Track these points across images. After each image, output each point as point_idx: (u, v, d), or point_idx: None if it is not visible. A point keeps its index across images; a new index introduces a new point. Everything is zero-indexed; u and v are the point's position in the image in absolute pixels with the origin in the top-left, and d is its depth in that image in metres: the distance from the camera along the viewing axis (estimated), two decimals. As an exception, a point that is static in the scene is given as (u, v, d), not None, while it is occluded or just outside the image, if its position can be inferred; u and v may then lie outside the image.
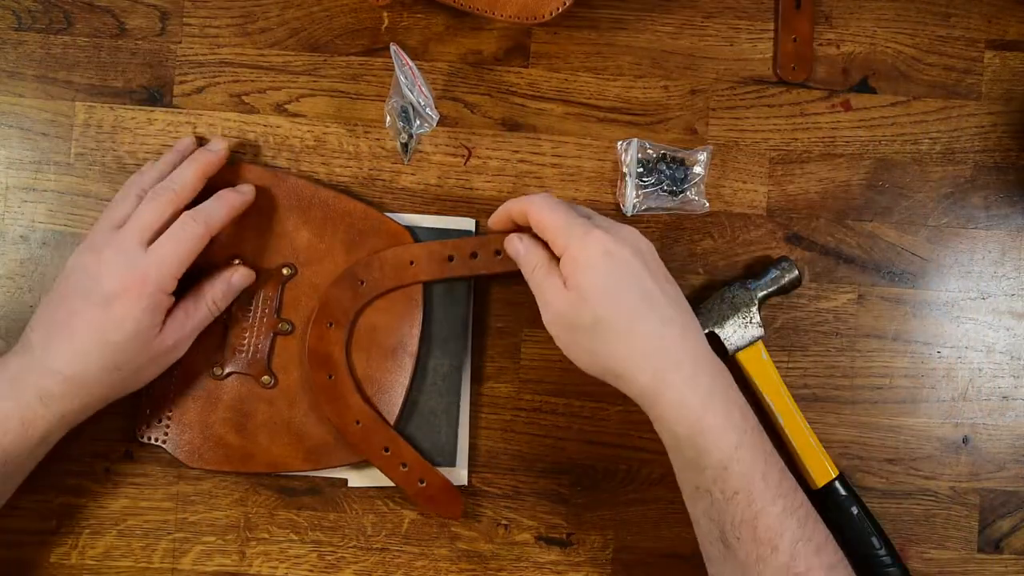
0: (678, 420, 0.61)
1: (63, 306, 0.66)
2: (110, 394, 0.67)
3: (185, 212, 0.68)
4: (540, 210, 0.65)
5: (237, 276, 0.71)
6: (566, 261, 0.63)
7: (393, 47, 0.69)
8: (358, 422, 0.72)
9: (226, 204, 0.70)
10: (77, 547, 0.74)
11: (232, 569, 0.74)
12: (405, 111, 0.73)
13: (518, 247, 0.68)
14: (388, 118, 0.75)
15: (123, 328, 0.65)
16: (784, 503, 0.61)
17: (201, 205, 0.69)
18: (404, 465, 0.72)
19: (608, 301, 0.62)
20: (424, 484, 0.72)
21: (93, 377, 0.65)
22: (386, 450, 0.72)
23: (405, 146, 0.75)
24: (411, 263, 0.73)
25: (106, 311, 0.65)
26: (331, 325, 0.72)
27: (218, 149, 0.72)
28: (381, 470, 0.73)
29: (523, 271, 0.67)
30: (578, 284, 0.62)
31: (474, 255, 0.73)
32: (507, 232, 0.70)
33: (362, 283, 0.73)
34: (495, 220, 0.70)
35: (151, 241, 0.66)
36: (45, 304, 0.67)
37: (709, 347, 0.64)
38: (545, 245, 0.67)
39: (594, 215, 0.67)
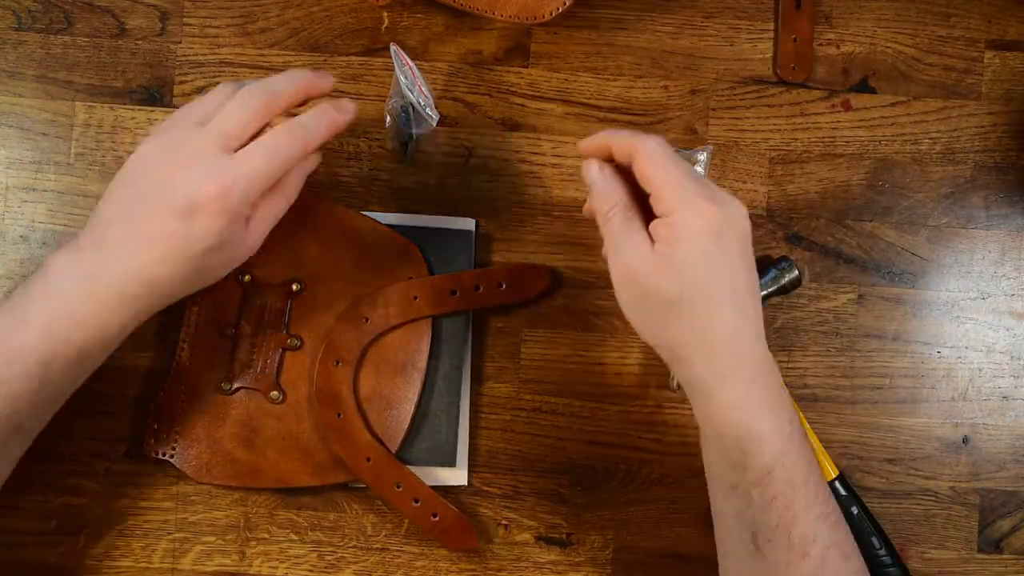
0: (727, 421, 0.59)
1: (139, 208, 0.61)
2: (189, 290, 0.64)
3: (281, 123, 0.62)
4: (653, 157, 0.59)
5: (309, 163, 0.65)
6: (669, 224, 0.58)
7: (393, 47, 0.69)
8: (368, 459, 0.72)
9: (327, 121, 0.63)
10: (77, 547, 0.74)
11: (232, 569, 0.74)
12: (405, 111, 0.73)
13: (596, 177, 0.61)
14: (388, 118, 0.75)
15: (206, 240, 0.60)
16: (819, 510, 0.60)
17: (298, 117, 0.62)
18: (416, 500, 0.72)
19: (699, 284, 0.58)
20: (437, 518, 0.72)
21: (173, 280, 0.61)
22: (398, 486, 0.72)
23: (405, 146, 0.75)
24: (415, 298, 0.73)
25: (187, 223, 0.60)
26: (338, 363, 0.72)
27: (348, 108, 0.64)
28: (393, 506, 0.73)
29: (596, 206, 0.61)
30: (674, 254, 0.57)
31: (477, 288, 0.73)
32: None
33: (367, 320, 0.73)
34: (588, 145, 0.63)
35: (235, 150, 0.61)
36: (118, 196, 0.62)
37: (767, 347, 0.61)
38: (625, 184, 0.61)
39: (705, 182, 0.61)
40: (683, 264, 0.58)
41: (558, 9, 0.72)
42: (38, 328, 0.60)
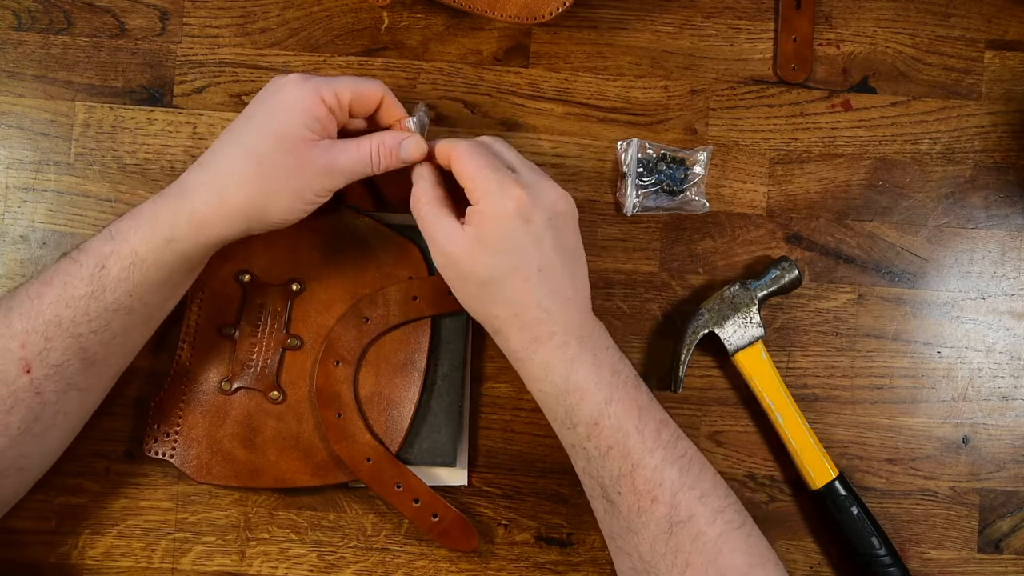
0: (545, 379, 0.63)
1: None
2: (250, 210, 0.63)
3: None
4: (461, 156, 0.64)
5: (409, 143, 0.66)
6: (475, 212, 0.63)
7: (421, 109, 0.69)
8: (368, 459, 0.72)
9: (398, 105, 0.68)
10: (77, 547, 0.74)
11: (232, 569, 0.74)
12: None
13: (416, 176, 0.66)
14: None
15: (271, 121, 0.63)
16: (663, 454, 0.62)
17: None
18: (416, 500, 0.72)
19: (504, 265, 0.62)
20: (437, 519, 0.72)
21: (239, 175, 0.63)
22: (398, 486, 0.72)
23: None
24: (415, 298, 0.73)
25: (256, 104, 0.64)
26: (338, 363, 0.72)
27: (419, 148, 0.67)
28: (394, 506, 0.73)
29: (412, 198, 0.66)
30: (481, 238, 0.62)
31: None
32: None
33: (367, 320, 0.73)
34: (432, 156, 0.68)
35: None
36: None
37: (589, 310, 0.66)
38: (443, 183, 0.66)
39: (521, 164, 0.65)
40: (491, 245, 0.62)
41: (558, 9, 0.72)
42: (107, 230, 0.64)
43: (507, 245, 0.62)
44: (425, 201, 0.65)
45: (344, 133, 0.67)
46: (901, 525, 0.76)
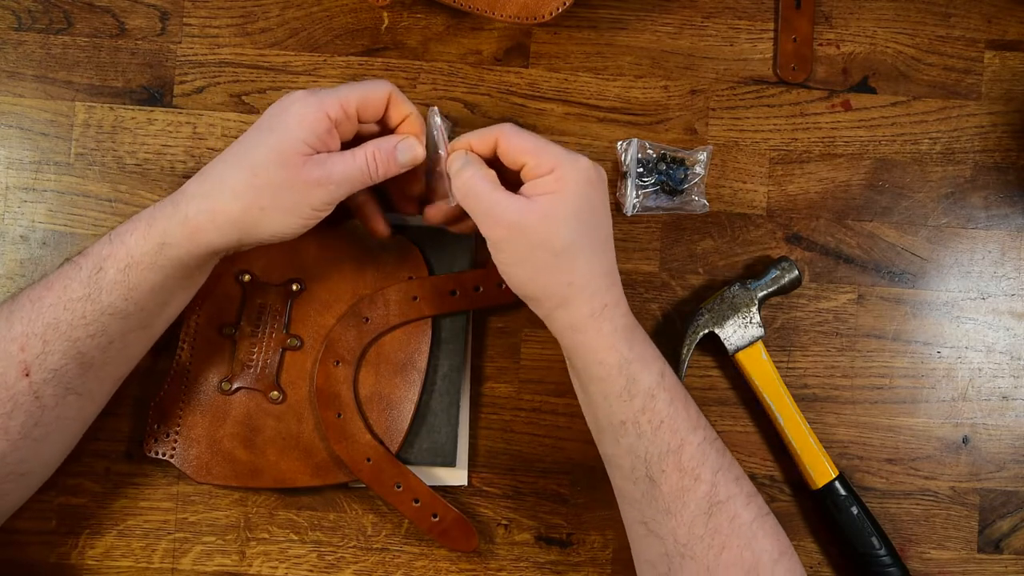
0: (613, 348, 0.63)
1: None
2: (252, 229, 0.63)
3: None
4: (516, 134, 0.64)
5: (404, 145, 0.66)
6: (556, 179, 0.62)
7: (435, 115, 0.67)
8: (368, 459, 0.72)
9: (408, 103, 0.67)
10: (77, 547, 0.74)
11: (232, 569, 0.74)
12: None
13: (461, 158, 0.64)
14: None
15: (284, 125, 0.62)
16: (704, 433, 0.63)
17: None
18: (416, 500, 0.72)
19: (584, 229, 0.62)
20: (437, 518, 0.72)
21: (236, 186, 0.62)
22: (398, 486, 0.72)
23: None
24: (415, 298, 0.73)
25: (260, 122, 0.64)
26: (338, 363, 0.72)
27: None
28: (393, 506, 0.73)
29: (462, 183, 0.64)
30: (560, 204, 0.62)
31: (477, 288, 0.73)
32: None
33: (367, 320, 0.73)
34: (451, 150, 0.66)
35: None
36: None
37: None
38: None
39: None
40: (571, 211, 0.62)
41: (558, 9, 0.72)
42: (108, 234, 0.64)
43: (586, 210, 0.62)
44: (480, 178, 0.63)
45: (358, 141, 0.66)
46: (901, 525, 0.76)
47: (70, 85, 0.76)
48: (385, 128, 0.68)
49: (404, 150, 0.65)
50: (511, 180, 0.64)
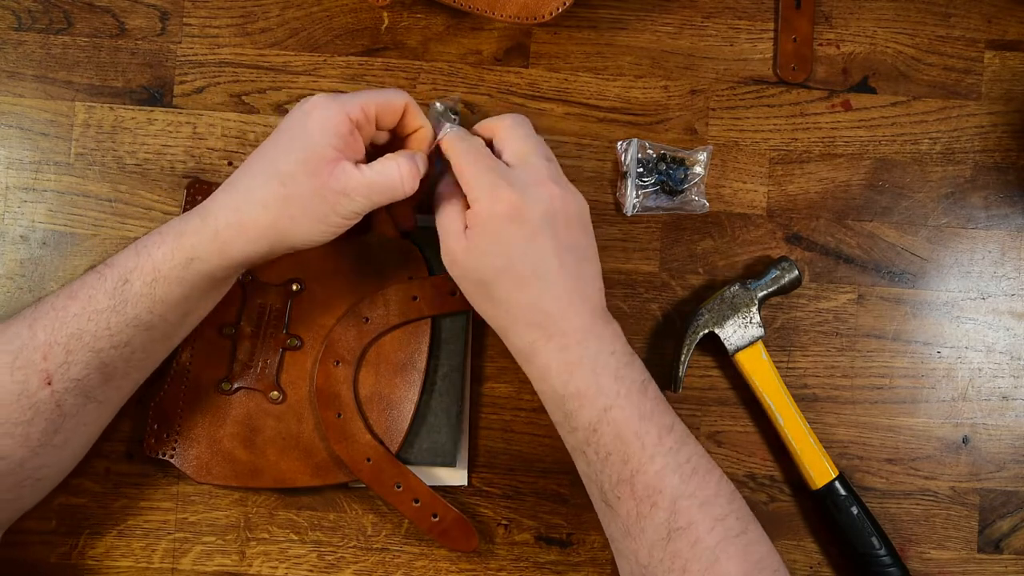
0: (546, 384, 0.63)
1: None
2: (278, 239, 0.63)
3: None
4: (462, 155, 0.64)
5: (421, 159, 0.66)
6: (471, 214, 0.63)
7: (439, 110, 0.68)
8: (368, 459, 0.72)
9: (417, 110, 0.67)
10: (77, 547, 0.74)
11: (232, 569, 0.74)
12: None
13: (443, 170, 0.67)
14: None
15: (294, 142, 0.62)
16: (664, 460, 0.61)
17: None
18: (416, 501, 0.72)
19: (499, 266, 0.62)
20: (437, 519, 0.72)
21: (260, 194, 0.62)
22: (398, 486, 0.72)
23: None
24: (415, 298, 0.73)
25: (280, 130, 0.64)
26: (338, 363, 0.72)
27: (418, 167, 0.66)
28: (393, 506, 0.73)
29: (435, 193, 0.67)
30: (478, 239, 0.63)
31: None
32: None
33: (367, 320, 0.73)
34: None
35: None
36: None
37: (597, 314, 0.64)
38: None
39: (537, 155, 0.65)
40: (486, 248, 0.63)
41: (558, 9, 0.72)
42: (135, 244, 0.64)
43: (497, 247, 0.62)
44: (445, 202, 0.65)
45: (370, 147, 0.67)
46: (901, 525, 0.76)
47: (70, 85, 0.76)
48: (396, 137, 0.68)
49: (422, 164, 0.66)
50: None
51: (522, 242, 0.62)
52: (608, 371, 0.63)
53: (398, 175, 0.63)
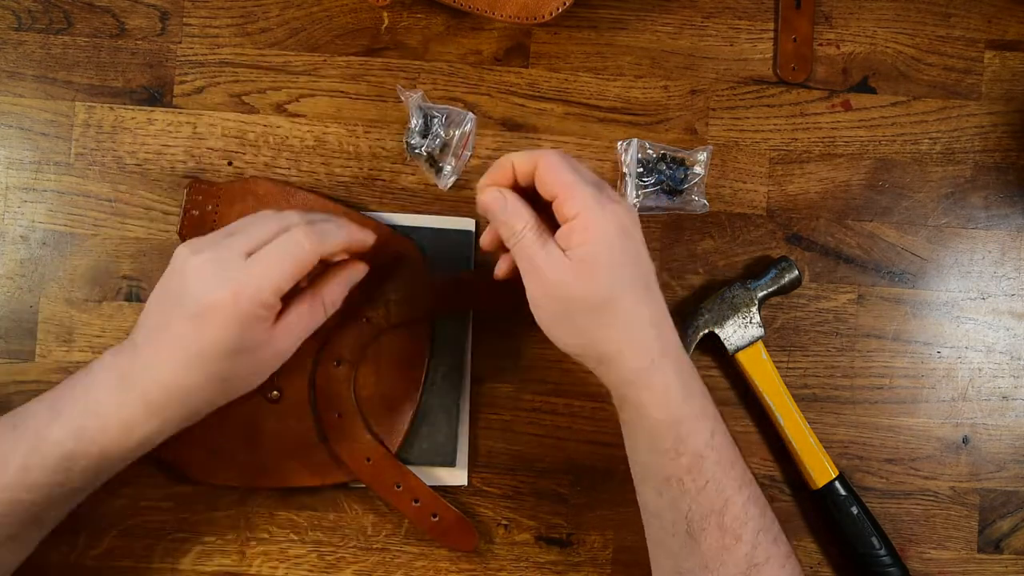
0: (662, 406, 0.59)
1: (161, 310, 0.62)
2: (219, 400, 0.64)
3: (298, 226, 0.61)
4: (552, 166, 0.59)
5: (354, 272, 0.66)
6: (576, 229, 0.58)
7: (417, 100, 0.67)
8: (368, 459, 0.72)
9: (345, 231, 0.64)
10: (77, 547, 0.74)
11: (232, 569, 0.74)
12: (431, 157, 0.74)
13: (498, 202, 0.60)
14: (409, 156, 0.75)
15: (221, 344, 0.59)
16: (748, 492, 0.61)
17: (319, 223, 0.63)
18: (416, 500, 0.72)
19: (620, 283, 0.58)
20: (437, 519, 0.72)
21: (196, 387, 0.61)
22: (398, 486, 0.72)
23: (439, 170, 0.75)
24: (415, 298, 0.73)
25: (198, 327, 0.59)
26: (338, 363, 0.72)
27: (368, 236, 0.66)
28: (393, 506, 0.73)
29: (505, 231, 0.61)
30: (591, 258, 0.58)
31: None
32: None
33: (367, 320, 0.73)
34: (491, 175, 0.62)
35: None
36: (150, 300, 0.63)
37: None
38: (531, 207, 0.61)
39: (603, 184, 0.61)
40: (603, 265, 0.58)
41: (558, 9, 0.72)
42: (67, 423, 0.61)
43: (619, 262, 0.58)
44: (530, 227, 0.59)
45: None
46: (901, 525, 0.76)
47: (70, 85, 0.76)
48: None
49: (355, 276, 0.66)
50: (545, 206, 0.61)
51: (634, 256, 0.59)
52: (707, 396, 0.61)
53: (323, 311, 0.64)
